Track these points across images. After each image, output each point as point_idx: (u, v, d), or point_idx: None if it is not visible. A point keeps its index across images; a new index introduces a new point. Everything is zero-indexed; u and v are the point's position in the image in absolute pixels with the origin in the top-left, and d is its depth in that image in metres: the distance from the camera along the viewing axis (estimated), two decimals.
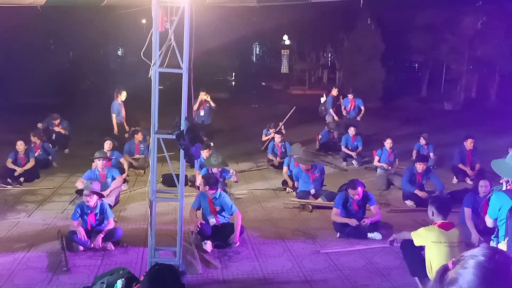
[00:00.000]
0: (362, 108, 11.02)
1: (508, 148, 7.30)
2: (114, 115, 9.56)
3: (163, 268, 3.67)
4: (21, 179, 7.41)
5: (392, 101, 20.97)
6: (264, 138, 10.34)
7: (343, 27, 23.70)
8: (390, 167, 8.07)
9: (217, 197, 5.21)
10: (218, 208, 5.20)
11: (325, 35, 26.36)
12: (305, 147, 8.24)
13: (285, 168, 7.60)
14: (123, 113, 9.71)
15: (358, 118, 10.86)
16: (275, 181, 7.88)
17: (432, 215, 3.96)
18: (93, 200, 4.98)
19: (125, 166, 7.71)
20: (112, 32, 22.16)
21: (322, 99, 11.55)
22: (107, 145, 7.63)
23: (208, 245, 4.88)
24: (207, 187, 5.14)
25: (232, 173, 6.61)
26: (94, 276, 4.18)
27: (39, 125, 9.83)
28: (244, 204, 6.60)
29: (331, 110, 11.13)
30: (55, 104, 15.99)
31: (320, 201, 6.58)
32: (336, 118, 11.05)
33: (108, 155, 7.04)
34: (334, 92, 11.48)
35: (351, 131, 9.52)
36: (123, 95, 9.66)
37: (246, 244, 5.11)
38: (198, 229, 5.01)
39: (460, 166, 8.16)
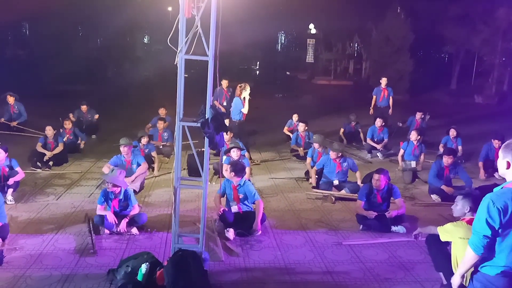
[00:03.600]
0: (391, 98, 10.84)
1: None
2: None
3: (187, 254, 3.74)
4: (50, 163, 7.64)
5: (420, 93, 20.44)
6: (286, 130, 10.30)
7: (372, 17, 23.17)
8: (415, 163, 7.87)
9: (242, 184, 5.25)
10: (241, 196, 5.24)
11: (352, 24, 25.85)
12: (328, 138, 8.16)
13: (308, 159, 7.54)
14: (245, 110, 8.27)
15: (390, 112, 10.70)
16: (298, 172, 7.85)
17: (469, 211, 3.84)
18: (116, 188, 5.05)
19: (154, 155, 7.86)
20: (139, 20, 22.39)
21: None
22: (144, 139, 7.81)
23: (230, 233, 4.92)
24: (233, 173, 5.18)
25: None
26: (119, 259, 4.29)
27: (71, 116, 10.04)
28: (267, 194, 6.60)
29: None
30: (83, 91, 16.42)
31: (343, 192, 6.51)
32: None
33: (131, 143, 7.10)
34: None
35: (378, 122, 9.35)
36: (247, 90, 8.22)
37: (268, 233, 5.12)
38: (220, 214, 5.06)
39: (480, 165, 7.90)
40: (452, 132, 8.83)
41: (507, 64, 21.56)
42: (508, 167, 2.59)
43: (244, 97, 8.22)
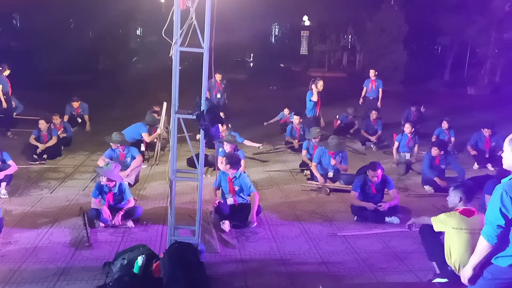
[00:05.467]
0: (381, 90, 10.85)
1: None
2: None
3: (183, 246, 3.75)
4: (44, 156, 7.58)
5: (414, 84, 20.52)
6: (273, 120, 10.42)
7: (366, 8, 23.09)
8: (409, 155, 7.93)
9: (237, 176, 5.25)
10: (237, 188, 5.25)
11: (346, 15, 25.77)
12: (323, 129, 8.18)
13: (304, 152, 7.56)
14: (315, 98, 8.25)
15: (379, 104, 10.70)
16: (293, 164, 7.87)
17: (460, 201, 3.88)
18: (110, 182, 5.01)
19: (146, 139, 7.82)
20: (131, 12, 22.13)
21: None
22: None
23: (226, 225, 4.94)
24: (229, 165, 5.18)
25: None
26: (115, 252, 4.29)
27: (66, 117, 9.83)
28: (262, 186, 6.63)
29: None
30: (75, 82, 16.27)
31: (338, 184, 6.55)
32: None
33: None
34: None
35: (373, 114, 9.38)
36: (319, 85, 8.20)
37: (263, 225, 5.15)
38: (216, 206, 5.07)
39: (469, 148, 8.22)
40: (444, 124, 8.91)
41: (499, 55, 21.66)
42: None
43: (316, 91, 8.22)
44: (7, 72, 9.44)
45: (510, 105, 15.47)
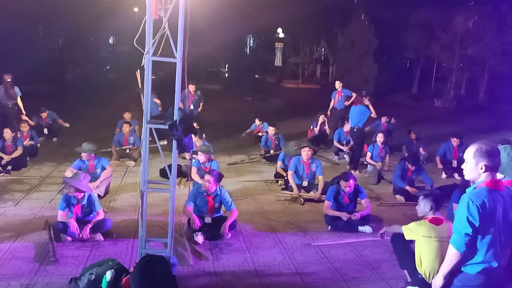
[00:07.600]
0: (353, 94, 11.09)
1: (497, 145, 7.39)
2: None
3: (154, 259, 3.65)
4: (9, 167, 7.26)
5: (384, 97, 21.14)
6: (248, 131, 10.48)
7: (338, 22, 23.73)
8: (380, 164, 8.10)
9: (219, 193, 5.16)
10: (217, 205, 5.16)
11: (319, 29, 26.38)
12: (297, 139, 8.25)
13: (279, 163, 7.57)
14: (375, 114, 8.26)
15: (346, 103, 10.91)
16: (268, 174, 7.87)
17: (430, 210, 3.97)
18: (78, 193, 4.84)
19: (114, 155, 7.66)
20: (103, 20, 21.83)
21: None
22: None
23: (199, 237, 4.85)
24: (219, 183, 5.11)
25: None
26: (82, 267, 4.12)
27: (31, 122, 9.55)
28: (236, 196, 6.57)
29: None
30: (43, 92, 15.78)
31: (312, 194, 6.58)
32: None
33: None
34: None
35: (346, 126, 9.53)
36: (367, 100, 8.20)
37: (237, 236, 5.09)
38: (197, 227, 4.93)
39: (437, 160, 8.38)
40: (412, 135, 9.18)
41: (464, 70, 22.68)
42: (485, 170, 2.69)
43: (367, 104, 8.20)
44: None
45: (473, 117, 16.20)
